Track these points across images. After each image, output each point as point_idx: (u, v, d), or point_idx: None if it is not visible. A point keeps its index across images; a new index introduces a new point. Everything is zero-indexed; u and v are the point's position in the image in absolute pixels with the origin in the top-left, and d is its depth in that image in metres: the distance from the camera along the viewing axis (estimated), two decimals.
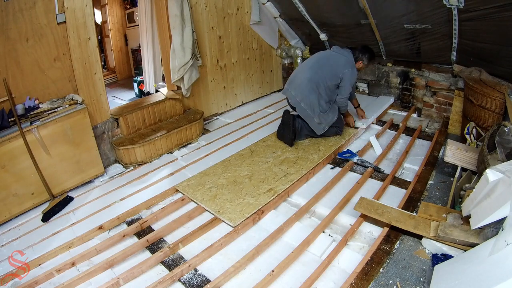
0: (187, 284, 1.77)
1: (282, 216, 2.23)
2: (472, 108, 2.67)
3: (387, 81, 3.86)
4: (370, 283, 1.61)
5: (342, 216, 2.18)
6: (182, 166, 2.96)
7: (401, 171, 2.64)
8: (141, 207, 2.44)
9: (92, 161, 2.83)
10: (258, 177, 2.60)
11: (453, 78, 3.20)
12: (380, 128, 3.32)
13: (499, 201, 1.43)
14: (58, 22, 2.52)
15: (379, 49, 3.64)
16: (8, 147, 2.32)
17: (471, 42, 2.75)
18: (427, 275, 1.61)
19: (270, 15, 4.14)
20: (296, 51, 4.51)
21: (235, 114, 4.10)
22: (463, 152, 2.35)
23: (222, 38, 3.82)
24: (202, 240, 2.10)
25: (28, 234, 2.30)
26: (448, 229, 1.71)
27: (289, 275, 1.77)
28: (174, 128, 3.25)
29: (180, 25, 3.13)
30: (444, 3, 2.49)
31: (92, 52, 2.76)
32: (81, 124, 2.69)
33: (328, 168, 2.77)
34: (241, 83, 4.23)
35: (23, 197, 2.45)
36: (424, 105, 3.52)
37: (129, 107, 3.26)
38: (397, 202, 2.20)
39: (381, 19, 3.14)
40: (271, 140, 3.20)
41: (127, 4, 5.96)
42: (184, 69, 3.27)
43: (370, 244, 1.92)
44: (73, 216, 2.46)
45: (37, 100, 2.58)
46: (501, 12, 2.20)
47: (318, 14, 3.69)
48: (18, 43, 2.38)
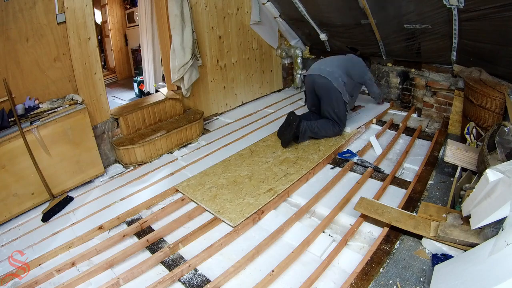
0: (187, 284, 1.77)
1: (282, 216, 2.22)
2: (472, 108, 2.67)
3: (387, 81, 3.86)
4: (370, 283, 1.61)
5: (342, 216, 2.18)
6: (182, 166, 2.96)
7: (401, 171, 2.64)
8: (141, 207, 2.44)
9: (92, 161, 2.83)
10: (258, 177, 2.60)
11: (453, 78, 3.20)
12: (380, 128, 3.32)
13: (499, 201, 1.43)
14: (58, 22, 2.52)
15: (379, 49, 3.64)
16: (8, 147, 2.32)
17: (471, 42, 2.75)
18: (427, 275, 1.61)
19: (270, 15, 4.14)
20: (296, 51, 4.51)
21: (235, 114, 4.10)
22: (463, 152, 2.35)
23: (222, 38, 3.82)
24: (202, 240, 2.10)
25: (28, 234, 2.30)
26: (448, 229, 1.71)
27: (289, 275, 1.77)
28: (174, 128, 3.25)
29: (180, 25, 3.13)
30: (444, 3, 2.49)
31: (92, 52, 2.76)
32: (81, 124, 2.69)
33: (328, 168, 2.77)
34: (241, 83, 4.23)
35: (23, 197, 2.45)
36: (424, 105, 3.52)
37: (129, 107, 3.26)
38: (397, 202, 2.20)
39: (381, 19, 3.14)
40: (271, 140, 3.20)
41: (127, 4, 5.97)
42: (184, 69, 3.27)
43: (370, 244, 1.92)
44: (73, 216, 2.46)
45: (37, 100, 2.58)
46: (501, 12, 2.20)
47: (318, 14, 3.70)
48: (18, 43, 2.38)
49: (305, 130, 3.02)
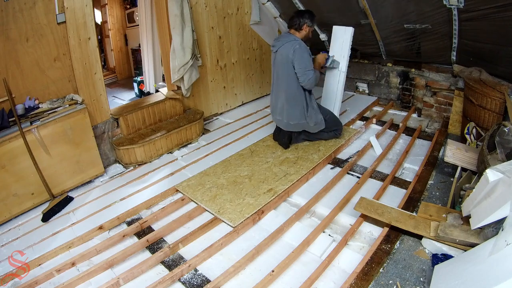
0: (187, 284, 1.77)
1: (282, 216, 2.23)
2: (472, 108, 2.67)
3: (387, 81, 3.86)
4: (370, 283, 1.61)
5: (342, 216, 2.18)
6: (182, 166, 2.96)
7: (401, 171, 2.64)
8: (141, 207, 2.44)
9: (92, 161, 2.83)
10: (258, 177, 2.60)
11: (453, 78, 3.20)
12: (380, 128, 3.32)
13: (499, 201, 1.43)
14: (58, 22, 2.51)
15: (379, 49, 3.64)
16: (8, 147, 2.32)
17: (471, 42, 2.75)
18: (427, 275, 1.61)
19: (270, 15, 4.14)
20: None
21: (235, 114, 4.10)
22: (463, 152, 2.35)
23: (222, 38, 3.82)
24: (202, 240, 2.10)
25: (28, 234, 2.30)
26: (448, 229, 1.71)
27: (289, 275, 1.77)
28: (174, 128, 3.25)
29: (180, 25, 3.13)
30: (444, 3, 2.49)
31: (92, 52, 2.76)
32: (81, 124, 2.69)
33: (328, 168, 2.77)
34: (241, 83, 4.23)
35: (23, 197, 2.45)
36: (424, 105, 3.52)
37: (129, 107, 3.26)
38: (397, 202, 2.20)
39: (381, 19, 3.14)
40: (271, 140, 3.20)
41: (127, 4, 5.96)
42: (184, 69, 3.27)
43: (370, 244, 1.92)
44: (73, 216, 2.46)
45: (37, 100, 2.58)
46: (501, 12, 2.20)
47: (318, 14, 3.67)
48: (18, 43, 2.38)
49: (298, 133, 3.02)
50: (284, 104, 2.83)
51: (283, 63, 2.72)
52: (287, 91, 2.78)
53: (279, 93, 2.87)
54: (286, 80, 2.75)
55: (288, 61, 2.68)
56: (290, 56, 2.65)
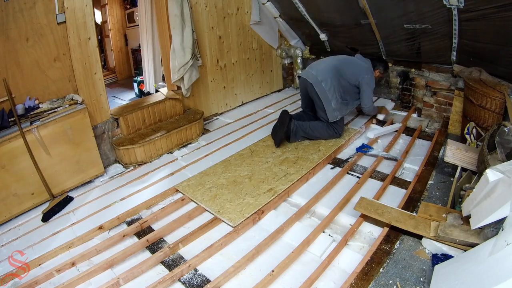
0: (187, 284, 1.77)
1: (282, 216, 2.22)
2: (472, 108, 2.67)
3: (387, 81, 3.86)
4: (370, 283, 1.61)
5: (342, 216, 2.18)
6: (182, 166, 2.97)
7: (401, 171, 2.64)
8: (141, 207, 2.44)
9: (92, 161, 2.83)
10: (258, 177, 2.60)
11: (453, 78, 3.20)
12: (380, 128, 3.32)
13: (499, 201, 1.43)
14: (58, 22, 2.52)
15: (379, 49, 3.64)
16: (8, 147, 2.32)
17: (471, 42, 2.75)
18: (427, 275, 1.61)
19: (270, 15, 4.14)
20: (296, 51, 4.51)
21: (235, 114, 4.10)
22: (463, 152, 2.35)
23: (222, 38, 3.82)
24: (202, 240, 2.10)
25: (28, 234, 2.30)
26: (448, 229, 1.71)
27: (289, 275, 1.77)
28: (174, 128, 3.25)
29: (180, 25, 3.13)
30: (444, 3, 2.49)
31: (92, 52, 2.76)
32: (81, 124, 2.69)
33: (328, 168, 2.77)
34: (241, 83, 4.23)
35: (23, 197, 2.45)
36: (424, 105, 3.52)
37: (129, 107, 3.26)
38: (397, 202, 2.20)
39: (381, 19, 3.14)
40: (271, 140, 3.20)
41: (127, 4, 5.97)
42: (184, 69, 3.27)
43: (370, 244, 1.92)
44: (73, 216, 2.46)
45: (37, 100, 2.58)
46: (501, 12, 2.20)
47: (318, 14, 3.70)
48: (18, 43, 2.38)
49: (296, 130, 3.02)
50: (334, 80, 2.96)
51: (352, 71, 3.03)
52: (344, 85, 3.03)
53: (334, 62, 3.06)
54: (347, 71, 3.03)
55: (355, 74, 3.02)
56: (360, 77, 3.01)
